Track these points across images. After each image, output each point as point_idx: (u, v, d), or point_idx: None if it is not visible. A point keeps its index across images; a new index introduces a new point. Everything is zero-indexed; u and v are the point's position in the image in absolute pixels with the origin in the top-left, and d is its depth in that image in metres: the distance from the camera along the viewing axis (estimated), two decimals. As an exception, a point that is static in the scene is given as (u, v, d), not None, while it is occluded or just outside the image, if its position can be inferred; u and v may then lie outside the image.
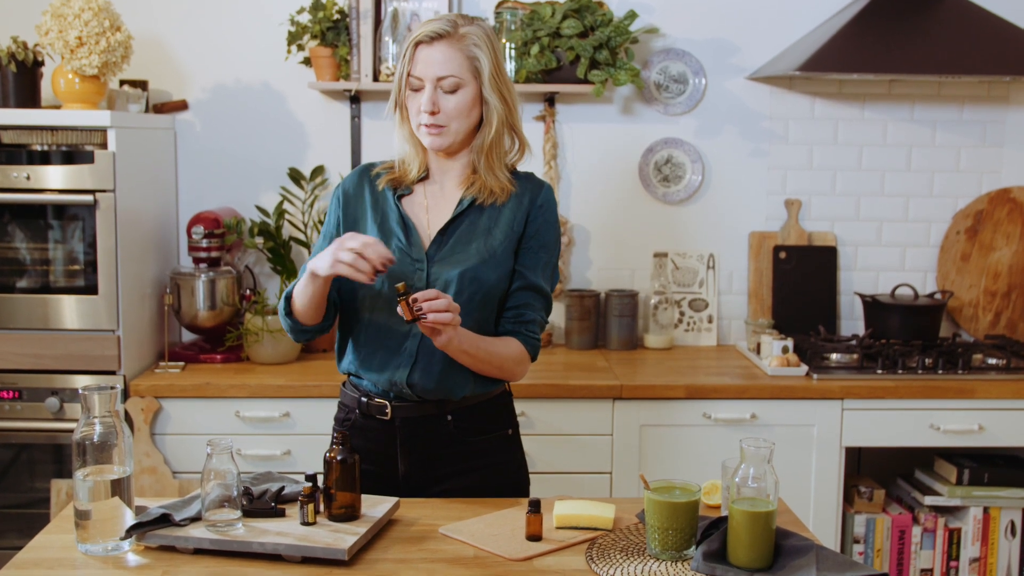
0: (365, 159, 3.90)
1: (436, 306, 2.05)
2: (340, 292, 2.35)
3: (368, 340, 2.32)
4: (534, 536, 2.02)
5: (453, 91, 2.24)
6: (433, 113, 2.24)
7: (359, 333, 2.33)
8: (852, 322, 4.08)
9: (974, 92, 4.01)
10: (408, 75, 2.25)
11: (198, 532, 1.95)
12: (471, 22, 2.27)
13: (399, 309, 2.06)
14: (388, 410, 2.31)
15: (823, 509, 3.46)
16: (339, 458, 2.04)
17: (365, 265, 2.08)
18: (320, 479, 2.07)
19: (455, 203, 2.33)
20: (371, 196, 2.36)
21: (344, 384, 2.43)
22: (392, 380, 2.28)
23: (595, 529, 2.08)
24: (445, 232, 2.30)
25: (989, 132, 4.03)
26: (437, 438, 2.32)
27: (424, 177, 2.37)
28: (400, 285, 2.05)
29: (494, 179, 2.31)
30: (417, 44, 2.24)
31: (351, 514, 2.03)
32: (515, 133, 2.34)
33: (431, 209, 2.34)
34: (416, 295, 2.06)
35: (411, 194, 2.36)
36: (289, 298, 2.31)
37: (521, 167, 2.44)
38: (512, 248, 2.31)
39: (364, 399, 2.34)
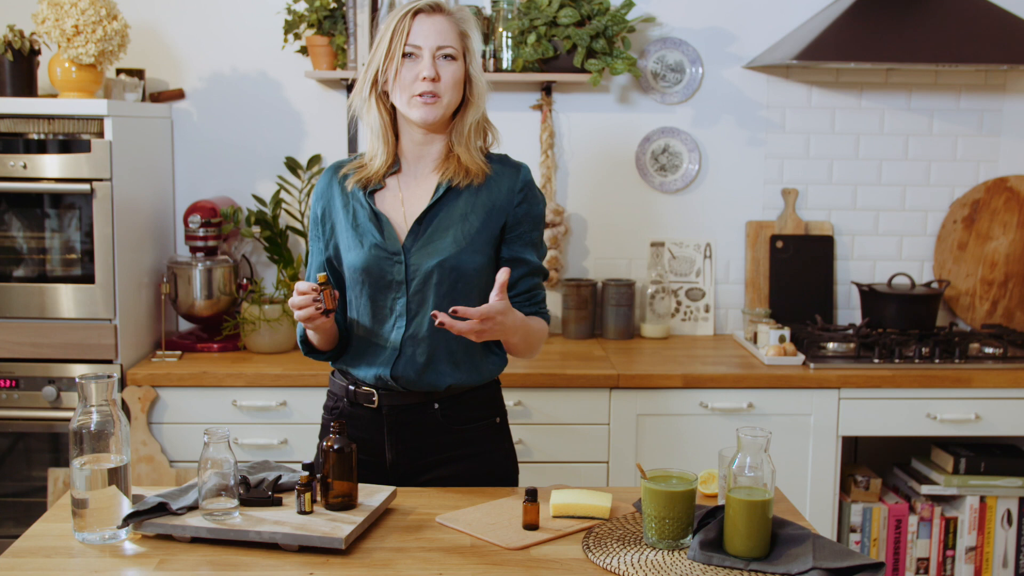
0: (361, 148, 3.89)
1: (459, 327, 2.09)
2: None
3: (354, 334, 2.33)
4: (531, 525, 2.03)
5: (451, 59, 2.26)
6: (434, 80, 2.24)
7: (353, 331, 2.35)
8: (849, 311, 4.08)
9: (971, 81, 4.01)
10: (405, 43, 2.24)
11: (195, 521, 1.95)
12: (456, 3, 2.31)
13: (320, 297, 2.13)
14: (375, 399, 2.32)
15: (820, 498, 3.47)
16: (335, 447, 2.04)
17: (304, 313, 2.14)
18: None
19: (431, 191, 2.32)
20: (342, 196, 2.35)
21: (333, 373, 2.44)
22: (377, 375, 2.29)
23: (592, 518, 2.09)
24: (422, 221, 2.29)
25: (986, 121, 4.03)
26: (424, 426, 2.33)
27: (396, 170, 2.36)
28: (321, 276, 2.12)
29: (469, 157, 2.30)
30: (416, 13, 2.25)
31: (348, 503, 2.04)
32: (486, 120, 2.37)
33: (406, 200, 2.33)
34: (457, 308, 2.08)
35: (383, 189, 2.35)
36: (304, 339, 2.37)
37: (520, 155, 2.44)
38: (492, 233, 2.30)
39: (352, 387, 2.35)
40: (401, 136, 2.35)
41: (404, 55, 2.24)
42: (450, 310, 2.07)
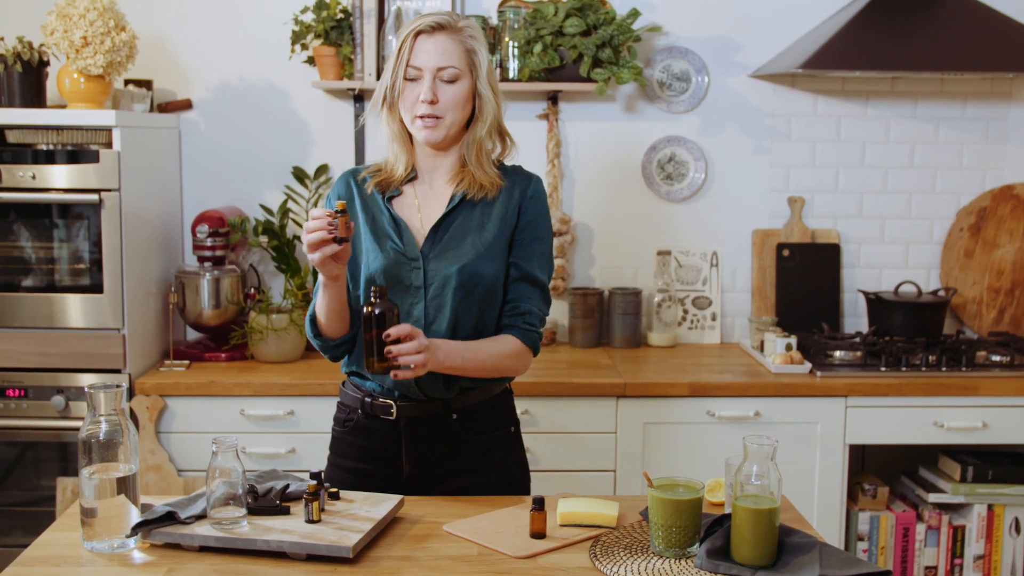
0: (369, 158, 3.91)
1: (407, 349, 2.08)
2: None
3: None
4: (538, 534, 2.03)
5: (452, 81, 2.26)
6: (432, 103, 2.24)
7: (360, 332, 2.34)
8: (855, 319, 4.08)
9: (977, 89, 4.01)
10: (407, 65, 2.26)
11: (203, 530, 1.96)
12: (466, 18, 2.31)
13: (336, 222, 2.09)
14: (393, 410, 2.31)
15: (827, 506, 3.47)
16: (377, 312, 2.06)
17: (316, 237, 2.08)
18: (323, 475, 2.08)
19: (446, 200, 2.34)
20: (360, 200, 2.36)
21: (344, 384, 2.44)
22: (398, 381, 2.28)
23: (599, 527, 2.09)
24: (438, 229, 2.31)
25: (992, 129, 4.03)
26: (441, 437, 2.33)
27: (413, 178, 2.38)
28: (340, 203, 2.09)
29: (483, 173, 2.31)
30: (417, 34, 2.26)
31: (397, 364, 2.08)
32: (502, 130, 2.37)
33: (423, 208, 2.35)
34: (389, 331, 2.07)
35: (400, 195, 2.37)
36: (313, 319, 2.32)
37: (527, 164, 2.45)
38: (506, 241, 2.32)
39: (368, 399, 2.34)
40: (415, 147, 2.36)
41: (407, 78, 2.26)
42: (385, 335, 2.07)
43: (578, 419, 3.39)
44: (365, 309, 2.08)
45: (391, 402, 2.31)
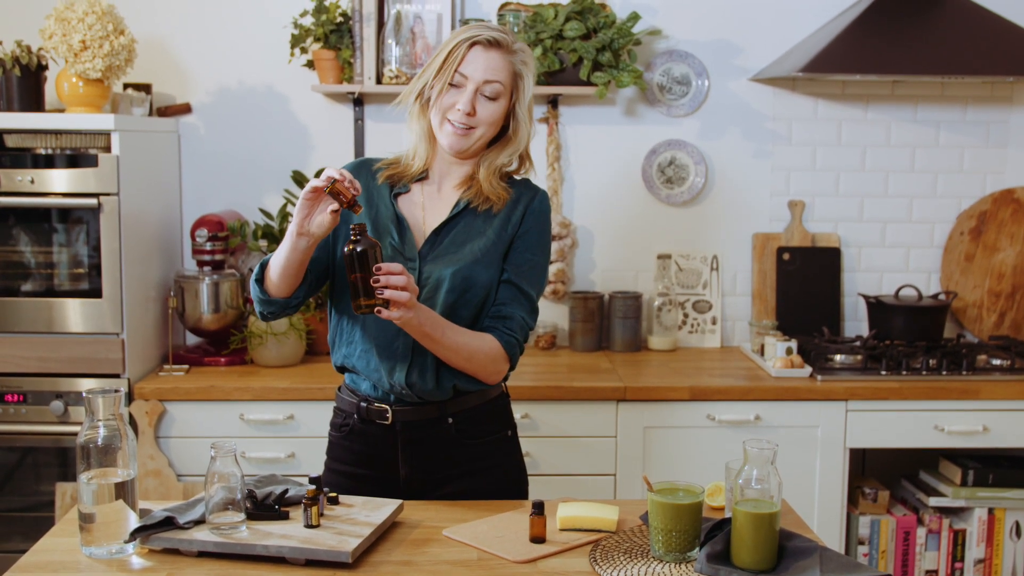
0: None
1: (394, 282, 2.03)
2: (332, 281, 2.35)
3: (363, 337, 2.31)
4: (538, 538, 2.02)
5: (493, 98, 2.27)
6: (469, 114, 2.25)
7: (352, 327, 2.32)
8: (856, 323, 4.07)
9: (977, 93, 4.01)
10: (455, 71, 2.25)
11: (202, 535, 1.95)
12: (520, 42, 2.32)
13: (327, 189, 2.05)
14: (389, 415, 2.31)
15: (827, 510, 3.46)
16: (359, 249, 2.02)
17: (311, 188, 2.06)
18: (323, 476, 2.07)
19: (451, 204, 2.34)
20: (366, 190, 2.36)
21: (340, 388, 2.43)
22: (391, 382, 2.28)
23: (599, 531, 2.08)
24: (439, 232, 2.31)
25: (993, 132, 4.03)
26: (438, 441, 2.32)
27: (423, 177, 2.38)
28: (358, 208, 2.06)
29: (490, 187, 2.32)
30: (473, 44, 2.25)
31: (383, 300, 2.03)
32: (525, 152, 2.38)
33: (427, 208, 2.35)
34: (380, 265, 2.03)
35: (407, 193, 2.37)
36: (265, 265, 2.27)
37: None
38: (503, 250, 2.32)
39: (364, 404, 2.34)
40: (436, 149, 2.36)
41: (450, 82, 2.26)
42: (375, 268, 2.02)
43: (578, 423, 3.38)
44: (346, 248, 2.03)
45: (387, 407, 2.31)
